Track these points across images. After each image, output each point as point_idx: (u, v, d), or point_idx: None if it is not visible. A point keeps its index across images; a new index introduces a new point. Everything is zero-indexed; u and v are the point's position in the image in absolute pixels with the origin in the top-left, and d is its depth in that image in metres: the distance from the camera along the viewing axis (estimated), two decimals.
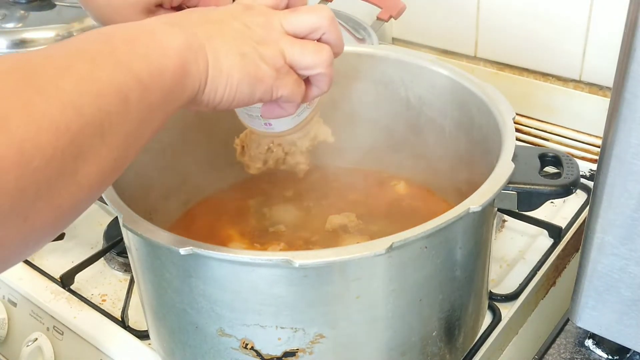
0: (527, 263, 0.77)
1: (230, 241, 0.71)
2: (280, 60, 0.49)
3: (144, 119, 0.41)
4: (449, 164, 0.72)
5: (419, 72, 0.72)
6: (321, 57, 0.50)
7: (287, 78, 0.49)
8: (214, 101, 0.47)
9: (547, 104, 1.01)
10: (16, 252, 0.36)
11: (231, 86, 0.46)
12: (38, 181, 0.33)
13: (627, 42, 0.45)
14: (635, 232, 0.50)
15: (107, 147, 0.38)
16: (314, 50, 0.50)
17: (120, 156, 0.39)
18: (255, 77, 0.47)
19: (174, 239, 0.49)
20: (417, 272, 0.52)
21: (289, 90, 0.50)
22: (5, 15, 0.96)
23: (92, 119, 0.36)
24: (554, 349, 0.63)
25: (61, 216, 0.37)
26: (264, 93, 0.49)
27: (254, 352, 0.53)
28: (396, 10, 0.96)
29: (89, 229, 0.87)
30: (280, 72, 0.49)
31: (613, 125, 0.48)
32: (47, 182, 0.34)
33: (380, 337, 0.54)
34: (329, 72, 0.51)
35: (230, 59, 0.46)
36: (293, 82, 0.50)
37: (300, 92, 0.51)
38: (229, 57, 0.46)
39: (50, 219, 0.36)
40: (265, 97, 0.49)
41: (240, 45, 0.47)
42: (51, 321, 0.75)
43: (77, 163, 0.36)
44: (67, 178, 0.36)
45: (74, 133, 0.35)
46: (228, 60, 0.46)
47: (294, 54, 0.49)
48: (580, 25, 0.95)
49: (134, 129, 0.40)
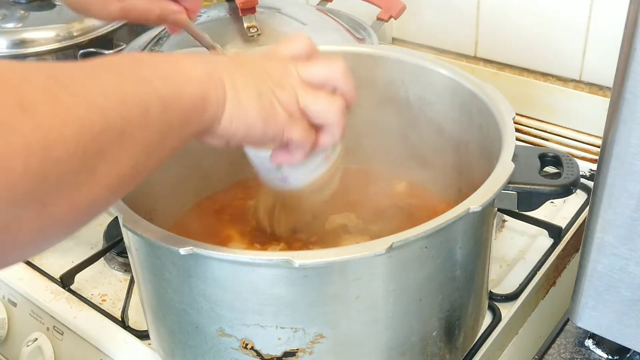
0: (527, 263, 0.77)
1: (230, 241, 0.71)
2: (294, 105, 0.50)
3: (162, 135, 0.43)
4: (449, 164, 0.72)
5: (419, 72, 0.72)
6: (332, 106, 0.52)
7: (299, 123, 0.51)
8: (228, 132, 0.48)
9: (547, 104, 1.01)
10: (32, 239, 0.37)
11: (246, 120, 0.48)
12: (59, 172, 0.35)
13: (627, 42, 0.45)
14: (635, 232, 0.50)
15: (126, 154, 0.40)
16: (326, 99, 0.52)
17: (138, 165, 0.41)
18: (270, 115, 0.49)
19: (174, 239, 0.49)
20: (417, 272, 0.52)
21: (299, 134, 0.51)
22: (5, 15, 0.96)
23: (114, 124, 0.38)
24: (554, 349, 0.63)
25: (77, 211, 0.38)
26: (276, 133, 0.50)
27: (254, 352, 0.53)
28: (396, 10, 0.96)
29: (89, 229, 0.86)
30: (293, 116, 0.50)
31: (613, 125, 0.48)
32: (68, 175, 0.36)
33: (380, 337, 0.54)
34: (340, 121, 0.53)
35: (248, 93, 0.48)
36: (304, 128, 0.52)
37: (310, 138, 0.53)
38: (247, 91, 0.48)
39: (67, 212, 0.37)
40: (277, 137, 0.51)
41: (259, 84, 0.49)
42: (51, 321, 0.75)
43: (97, 162, 0.37)
44: (86, 175, 0.37)
45: (97, 133, 0.37)
46: (246, 94, 0.48)
47: (307, 100, 0.51)
48: (580, 25, 0.95)
49: (152, 142, 0.42)
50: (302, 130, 0.52)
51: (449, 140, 0.72)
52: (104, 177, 0.38)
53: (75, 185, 0.37)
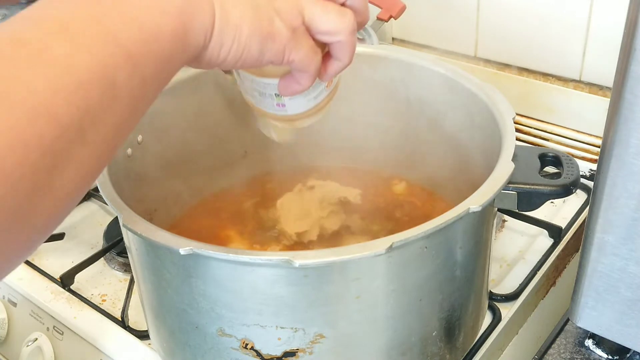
0: (527, 263, 0.77)
1: (230, 241, 0.71)
2: (297, 19, 0.43)
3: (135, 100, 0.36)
4: (449, 164, 0.72)
5: (419, 72, 0.72)
6: (344, 21, 0.44)
7: (303, 40, 0.43)
8: (217, 59, 0.41)
9: (547, 104, 1.01)
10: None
11: (239, 41, 0.41)
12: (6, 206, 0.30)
13: (627, 42, 0.45)
14: (635, 232, 0.50)
15: (90, 147, 0.33)
16: (336, 13, 0.44)
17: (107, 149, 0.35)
18: (267, 33, 0.41)
19: (174, 239, 0.49)
20: (417, 272, 0.52)
21: (302, 54, 0.43)
22: (5, 15, 0.96)
23: (70, 121, 0.31)
24: (554, 349, 0.63)
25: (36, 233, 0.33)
26: (275, 54, 0.43)
27: (254, 352, 0.53)
28: (396, 10, 0.96)
29: (89, 229, 0.87)
30: (296, 32, 0.43)
31: (613, 125, 0.48)
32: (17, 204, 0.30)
33: (380, 337, 0.54)
34: (351, 40, 0.45)
35: (240, 9, 0.40)
36: (309, 47, 0.44)
37: (317, 60, 0.45)
38: (238, 6, 0.40)
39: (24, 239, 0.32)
40: (276, 59, 0.43)
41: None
42: (51, 321, 0.75)
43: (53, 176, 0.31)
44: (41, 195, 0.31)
45: (48, 144, 0.30)
46: (237, 10, 0.40)
47: (314, 13, 0.43)
48: (580, 25, 0.95)
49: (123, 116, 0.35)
50: (306, 49, 0.44)
51: (449, 140, 0.71)
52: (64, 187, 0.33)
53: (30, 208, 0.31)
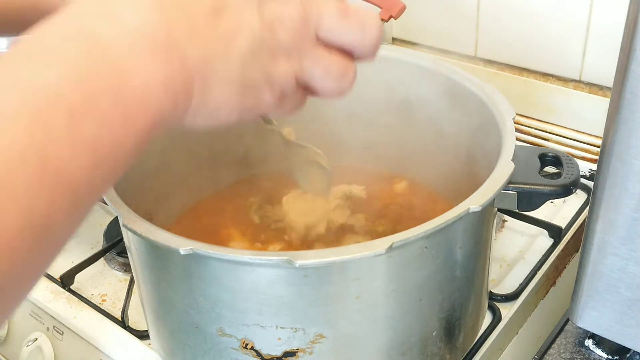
0: (527, 263, 0.77)
1: (230, 240, 0.71)
2: (291, 84, 0.39)
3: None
4: (449, 163, 0.72)
5: (419, 72, 0.72)
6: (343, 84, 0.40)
7: (290, 101, 0.40)
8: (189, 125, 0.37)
9: (547, 104, 1.01)
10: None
11: (216, 117, 0.38)
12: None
13: (627, 42, 0.45)
14: (635, 232, 0.50)
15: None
16: (337, 77, 0.40)
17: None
18: (250, 107, 0.38)
19: (174, 239, 0.49)
20: (417, 272, 0.52)
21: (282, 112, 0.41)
22: None
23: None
24: (554, 349, 0.63)
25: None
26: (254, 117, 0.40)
27: (254, 352, 0.53)
28: (396, 10, 0.96)
29: (89, 229, 0.87)
30: (284, 96, 0.40)
31: (613, 125, 0.48)
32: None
33: (380, 337, 0.54)
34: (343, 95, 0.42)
35: (226, 95, 0.36)
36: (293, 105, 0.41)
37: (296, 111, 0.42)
38: (224, 92, 0.36)
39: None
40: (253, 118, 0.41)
41: (248, 71, 0.36)
42: (51, 321, 0.75)
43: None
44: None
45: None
46: (222, 96, 0.36)
47: (314, 77, 0.39)
48: (580, 25, 0.95)
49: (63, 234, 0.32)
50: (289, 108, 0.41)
51: (449, 140, 0.71)
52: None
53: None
